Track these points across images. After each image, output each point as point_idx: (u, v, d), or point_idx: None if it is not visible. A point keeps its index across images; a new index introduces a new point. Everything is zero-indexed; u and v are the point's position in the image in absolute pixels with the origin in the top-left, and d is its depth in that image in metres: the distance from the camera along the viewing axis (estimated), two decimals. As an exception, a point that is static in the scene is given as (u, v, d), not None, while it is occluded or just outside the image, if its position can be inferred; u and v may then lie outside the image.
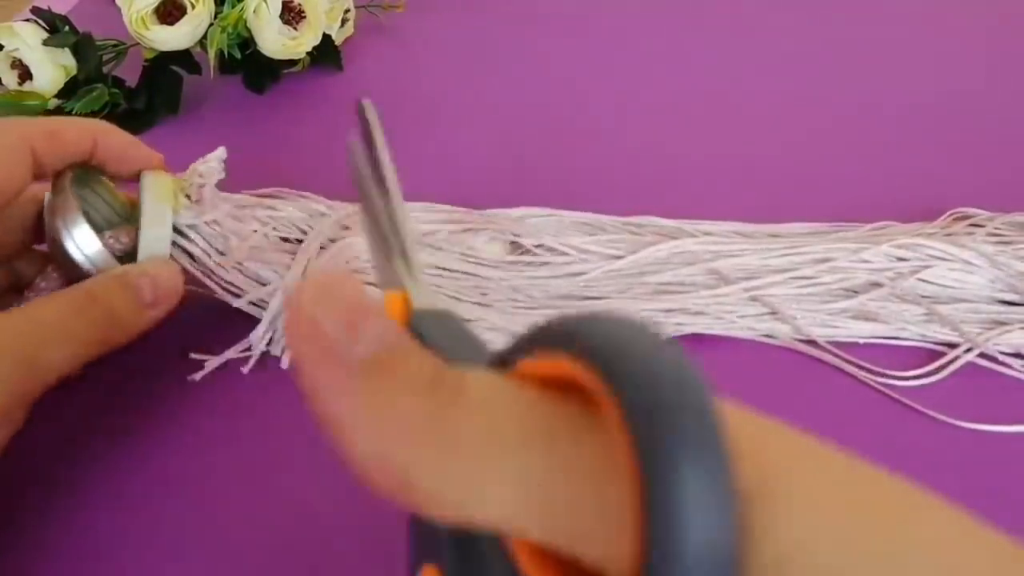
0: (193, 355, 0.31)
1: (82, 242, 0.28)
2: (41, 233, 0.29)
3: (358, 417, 0.12)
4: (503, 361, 0.13)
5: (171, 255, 0.30)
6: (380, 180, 0.20)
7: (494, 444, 0.11)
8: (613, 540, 0.11)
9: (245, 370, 0.31)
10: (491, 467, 0.11)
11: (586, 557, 0.11)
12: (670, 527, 0.10)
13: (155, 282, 0.28)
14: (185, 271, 0.30)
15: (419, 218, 0.37)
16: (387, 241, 0.19)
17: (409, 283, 0.18)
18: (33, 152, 0.27)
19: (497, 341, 0.32)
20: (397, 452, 0.12)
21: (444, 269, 0.35)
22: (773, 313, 0.34)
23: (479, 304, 0.34)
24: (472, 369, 0.12)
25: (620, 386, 0.11)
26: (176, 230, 0.30)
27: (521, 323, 0.33)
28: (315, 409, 0.12)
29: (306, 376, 0.12)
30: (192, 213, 0.30)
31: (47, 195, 0.29)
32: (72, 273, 0.28)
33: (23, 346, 0.24)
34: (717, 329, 0.34)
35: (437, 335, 0.14)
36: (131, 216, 0.30)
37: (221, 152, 0.32)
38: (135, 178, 0.30)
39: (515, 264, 0.35)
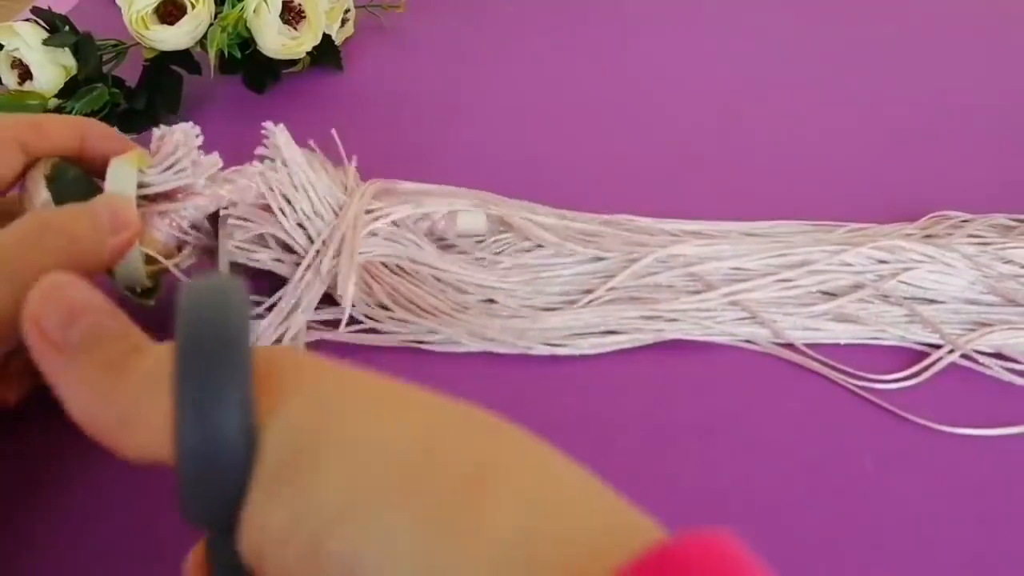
0: None
1: (37, 199, 0.27)
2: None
3: (69, 386, 0.16)
4: None
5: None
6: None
7: (138, 399, 0.16)
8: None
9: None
10: (141, 415, 0.16)
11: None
12: (179, 424, 0.14)
13: (113, 209, 0.27)
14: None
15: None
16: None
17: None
18: (21, 145, 0.27)
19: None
20: (92, 412, 0.16)
21: (434, 268, 0.35)
22: (752, 317, 0.34)
23: (456, 311, 0.34)
24: (157, 346, 0.17)
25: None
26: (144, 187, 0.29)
27: (497, 327, 0.33)
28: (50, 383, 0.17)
29: (36, 359, 0.17)
30: (158, 170, 0.29)
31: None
32: None
33: None
34: (696, 335, 0.33)
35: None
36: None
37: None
38: None
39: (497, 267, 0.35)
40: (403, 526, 0.14)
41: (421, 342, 0.32)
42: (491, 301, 0.34)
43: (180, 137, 0.30)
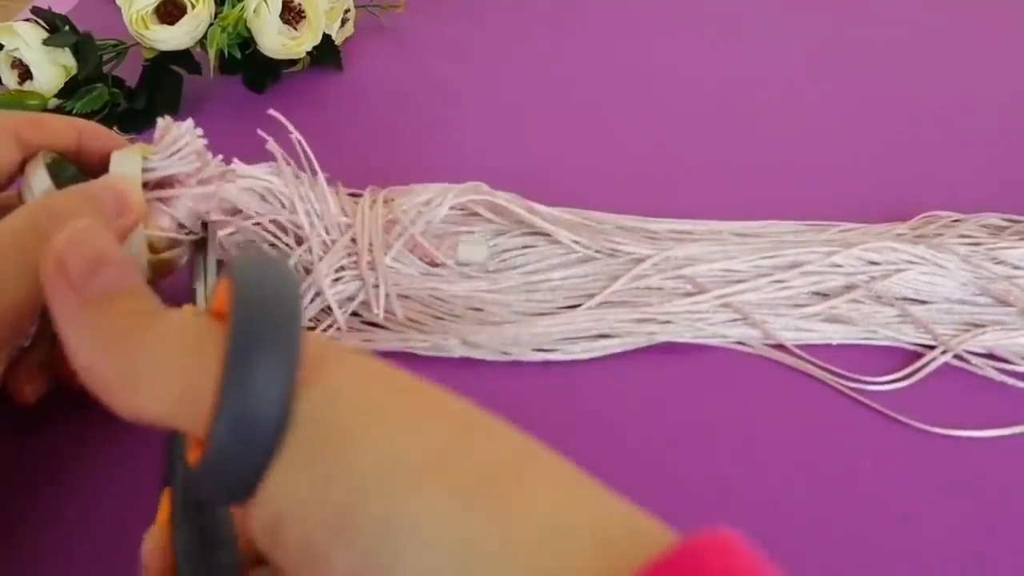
0: None
1: (38, 187, 0.27)
2: None
3: (81, 336, 0.16)
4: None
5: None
6: None
7: (160, 358, 0.16)
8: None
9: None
10: (154, 375, 0.15)
11: (196, 432, 0.15)
12: (226, 392, 0.14)
13: (116, 191, 0.27)
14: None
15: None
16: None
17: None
18: (19, 139, 0.28)
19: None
20: (101, 363, 0.16)
21: (433, 275, 0.35)
22: (744, 319, 0.34)
23: (446, 317, 0.34)
24: (174, 311, 0.17)
25: (234, 295, 0.15)
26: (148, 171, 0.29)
27: (488, 334, 0.33)
28: (58, 329, 0.16)
29: (51, 302, 0.16)
30: (161, 156, 0.29)
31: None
32: None
33: None
34: (688, 337, 0.33)
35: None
36: None
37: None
38: None
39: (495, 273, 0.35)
40: (440, 494, 0.14)
41: (413, 349, 0.32)
42: (478, 310, 0.34)
43: (184, 128, 0.30)
